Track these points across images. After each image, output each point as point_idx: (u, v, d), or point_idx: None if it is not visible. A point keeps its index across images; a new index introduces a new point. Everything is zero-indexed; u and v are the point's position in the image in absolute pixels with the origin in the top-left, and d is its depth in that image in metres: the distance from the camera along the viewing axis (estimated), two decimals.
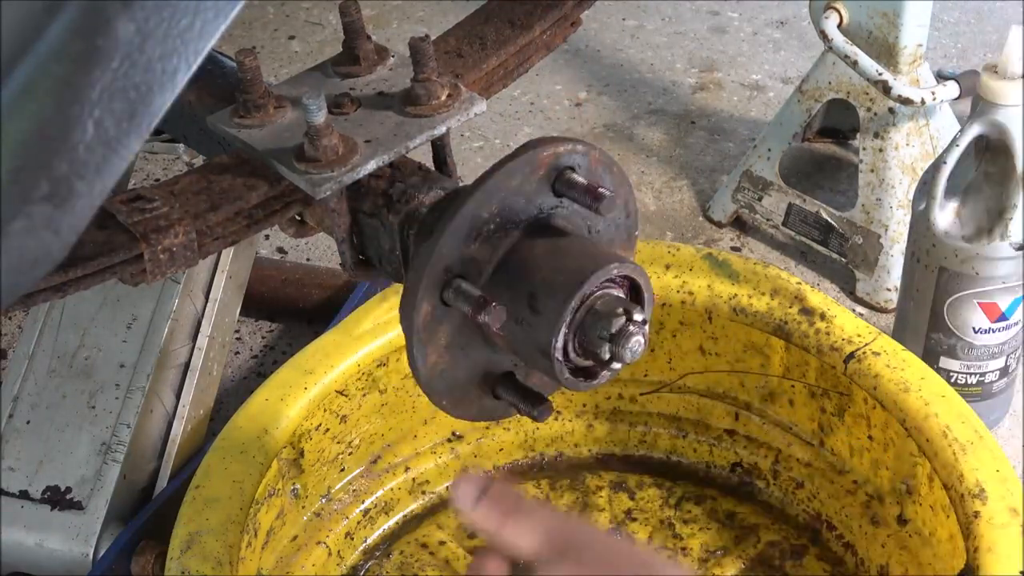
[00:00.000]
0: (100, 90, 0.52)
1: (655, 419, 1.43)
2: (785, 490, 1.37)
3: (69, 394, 1.33)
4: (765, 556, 1.33)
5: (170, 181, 0.87)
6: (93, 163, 0.53)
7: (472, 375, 0.89)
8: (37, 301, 0.79)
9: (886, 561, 1.26)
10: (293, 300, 1.67)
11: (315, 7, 2.39)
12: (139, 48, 0.52)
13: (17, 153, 0.52)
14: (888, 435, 1.25)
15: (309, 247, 1.83)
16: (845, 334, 1.26)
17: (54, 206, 0.54)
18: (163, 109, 0.55)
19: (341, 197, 0.89)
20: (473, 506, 0.72)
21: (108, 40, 0.51)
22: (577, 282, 0.82)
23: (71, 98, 0.52)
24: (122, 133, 0.53)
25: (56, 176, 0.53)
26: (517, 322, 0.84)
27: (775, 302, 1.30)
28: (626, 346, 0.83)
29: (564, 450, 1.45)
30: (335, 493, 1.33)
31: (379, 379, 1.32)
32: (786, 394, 1.35)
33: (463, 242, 0.83)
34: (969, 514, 1.10)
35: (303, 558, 1.29)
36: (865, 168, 1.68)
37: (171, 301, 1.35)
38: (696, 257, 1.35)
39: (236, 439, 1.19)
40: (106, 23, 0.51)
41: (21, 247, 0.54)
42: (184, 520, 1.11)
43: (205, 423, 1.41)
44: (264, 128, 0.91)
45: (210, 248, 0.86)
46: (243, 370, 1.65)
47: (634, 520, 1.38)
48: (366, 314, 1.31)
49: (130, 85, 0.53)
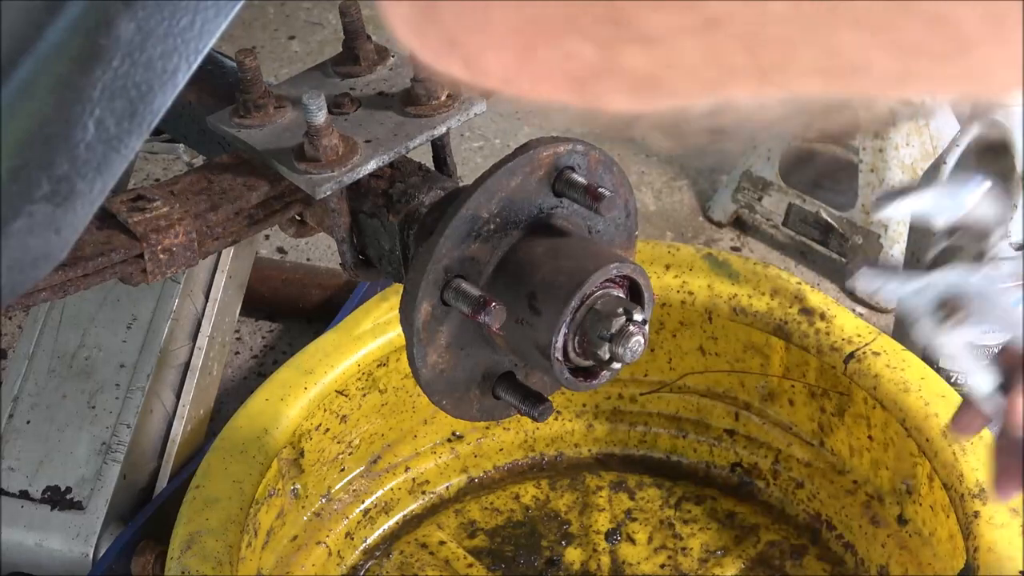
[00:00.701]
0: (101, 89, 0.52)
1: (655, 419, 1.43)
2: (785, 490, 1.37)
3: (69, 394, 1.33)
4: (765, 556, 1.33)
5: (170, 181, 0.87)
6: (94, 162, 0.53)
7: (472, 375, 0.90)
8: (37, 301, 0.79)
9: (886, 561, 1.26)
10: (293, 300, 1.67)
11: (315, 7, 2.39)
12: (140, 47, 0.52)
13: (18, 152, 0.52)
14: (888, 435, 1.25)
15: (309, 247, 1.83)
16: (845, 334, 1.26)
17: (55, 205, 0.54)
18: (164, 108, 0.55)
19: (341, 197, 0.89)
20: None
21: (109, 39, 0.51)
22: (577, 282, 0.82)
23: (72, 97, 0.52)
24: (123, 132, 0.54)
25: (57, 175, 0.53)
26: (517, 322, 0.84)
27: (775, 302, 1.30)
28: (626, 346, 0.83)
29: (564, 450, 1.45)
30: (335, 493, 1.33)
31: (379, 379, 1.32)
32: (786, 394, 1.35)
33: (463, 242, 0.83)
34: (969, 514, 1.10)
35: (303, 558, 1.29)
36: (865, 168, 1.68)
37: (171, 301, 1.35)
38: (696, 257, 1.35)
39: (236, 439, 1.19)
40: (107, 22, 0.51)
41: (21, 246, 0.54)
42: (184, 520, 1.11)
43: (205, 423, 1.41)
44: (264, 128, 0.91)
45: (210, 248, 0.86)
46: (243, 370, 1.65)
47: (634, 520, 1.38)
48: (366, 314, 1.31)
49: (131, 84, 0.53)
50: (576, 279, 0.83)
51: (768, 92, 0.30)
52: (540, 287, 0.84)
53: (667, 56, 0.29)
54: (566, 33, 0.30)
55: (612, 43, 0.29)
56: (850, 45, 0.28)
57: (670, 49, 0.29)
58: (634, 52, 0.29)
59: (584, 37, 0.29)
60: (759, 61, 0.29)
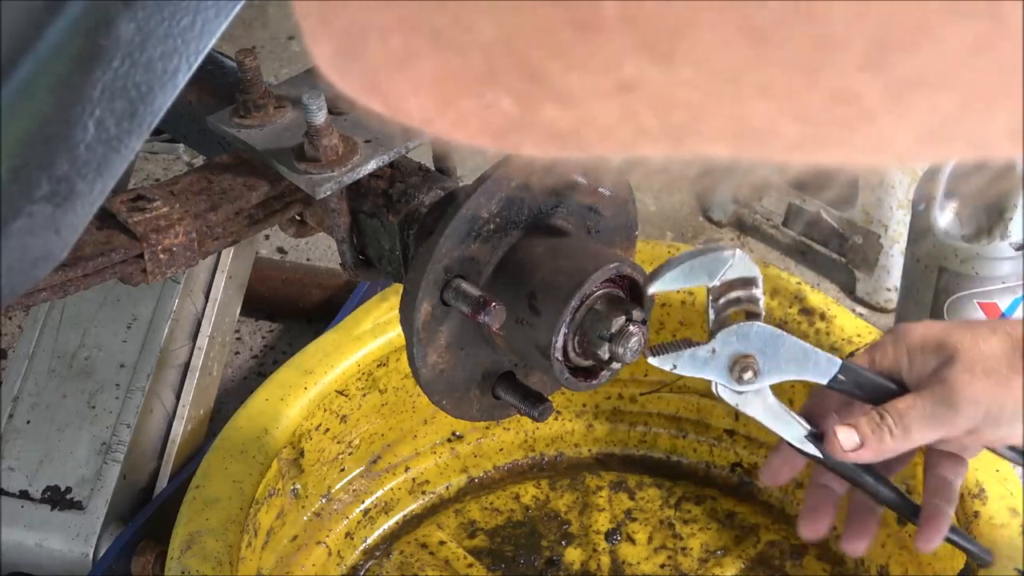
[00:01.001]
0: (101, 89, 0.52)
1: (655, 419, 1.43)
2: (785, 490, 1.37)
3: (69, 394, 1.33)
4: (765, 556, 1.33)
5: (170, 181, 0.87)
6: (94, 162, 0.53)
7: (472, 375, 0.90)
8: (37, 301, 0.79)
9: (886, 561, 1.26)
10: (293, 300, 1.67)
11: None
12: (140, 47, 0.52)
13: (18, 152, 0.52)
14: None
15: (309, 247, 1.83)
16: (845, 334, 1.26)
17: (55, 205, 0.54)
18: (164, 108, 0.55)
19: (341, 197, 0.89)
20: None
21: (109, 39, 0.51)
22: (577, 282, 0.83)
23: (72, 97, 0.52)
24: (123, 132, 0.54)
25: (57, 175, 0.53)
26: (517, 322, 0.84)
27: (775, 302, 1.30)
28: (626, 346, 0.84)
29: (564, 450, 1.45)
30: (335, 493, 1.33)
31: (379, 379, 1.32)
32: (786, 394, 1.34)
33: (463, 242, 0.83)
34: (969, 514, 1.10)
35: (303, 558, 1.29)
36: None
37: (171, 301, 1.35)
38: None
39: (236, 439, 1.19)
40: (107, 22, 0.51)
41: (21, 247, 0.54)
42: (184, 520, 1.11)
43: (205, 423, 1.41)
44: (264, 128, 0.91)
45: (210, 248, 0.86)
46: (243, 370, 1.65)
47: (634, 520, 1.37)
48: (366, 314, 1.31)
49: (131, 84, 0.53)
50: (576, 279, 0.83)
51: (679, 153, 0.31)
52: (540, 287, 0.84)
53: (583, 115, 0.30)
54: (487, 86, 0.30)
55: (531, 98, 0.30)
56: (757, 113, 0.28)
57: (586, 109, 0.30)
58: (552, 109, 0.30)
59: (505, 91, 0.30)
60: (669, 124, 0.29)
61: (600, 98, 0.29)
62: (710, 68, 0.28)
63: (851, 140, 0.29)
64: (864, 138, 0.29)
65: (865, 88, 0.27)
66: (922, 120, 0.28)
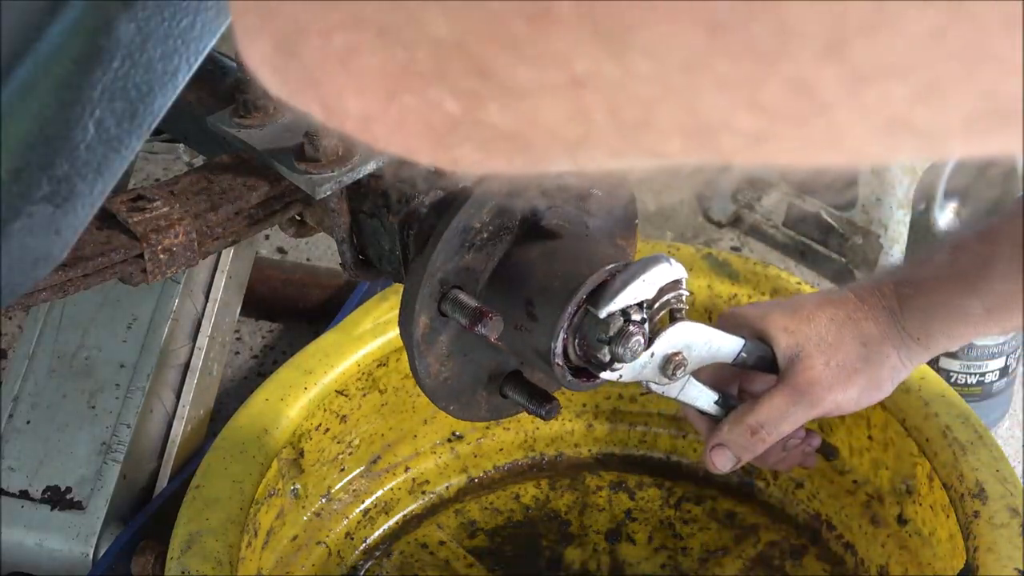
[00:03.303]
0: (101, 90, 0.52)
1: (655, 419, 1.43)
2: (785, 490, 1.37)
3: (69, 394, 1.33)
4: (765, 556, 1.33)
5: (170, 181, 0.87)
6: (94, 163, 0.53)
7: (478, 377, 0.89)
8: (37, 301, 0.79)
9: (886, 561, 1.26)
10: (293, 300, 1.67)
11: None
12: (140, 48, 0.52)
13: (18, 153, 0.52)
14: (888, 435, 1.25)
15: (309, 247, 1.83)
16: None
17: (55, 206, 0.54)
18: (164, 109, 0.55)
19: (341, 197, 0.89)
20: None
21: (109, 40, 0.51)
22: (572, 288, 0.82)
23: (72, 98, 0.52)
24: (123, 133, 0.54)
25: (57, 176, 0.53)
26: (516, 328, 0.84)
27: None
28: (626, 346, 0.83)
29: (564, 450, 1.45)
30: (335, 493, 1.33)
31: (379, 379, 1.32)
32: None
33: (456, 253, 0.83)
34: (969, 514, 1.10)
35: (303, 558, 1.29)
36: (865, 168, 1.68)
37: (171, 301, 1.35)
38: (696, 257, 1.35)
39: (236, 439, 1.19)
40: (107, 23, 0.51)
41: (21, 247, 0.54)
42: (184, 520, 1.11)
43: (205, 423, 1.41)
44: (264, 128, 0.91)
45: (210, 248, 0.86)
46: (243, 370, 1.65)
47: (634, 520, 1.37)
48: (366, 314, 1.31)
49: (131, 85, 0.53)
50: (571, 284, 0.83)
51: (628, 151, 0.30)
52: (536, 293, 0.84)
53: (530, 112, 0.29)
54: (432, 82, 0.29)
55: (476, 96, 0.29)
56: (710, 105, 0.28)
57: (533, 105, 0.29)
58: (496, 108, 0.29)
59: (449, 88, 0.29)
60: (620, 120, 0.29)
61: (549, 94, 0.28)
62: (667, 60, 0.27)
63: (806, 134, 0.28)
64: (819, 131, 0.28)
65: (822, 78, 0.27)
66: (877, 111, 0.28)
